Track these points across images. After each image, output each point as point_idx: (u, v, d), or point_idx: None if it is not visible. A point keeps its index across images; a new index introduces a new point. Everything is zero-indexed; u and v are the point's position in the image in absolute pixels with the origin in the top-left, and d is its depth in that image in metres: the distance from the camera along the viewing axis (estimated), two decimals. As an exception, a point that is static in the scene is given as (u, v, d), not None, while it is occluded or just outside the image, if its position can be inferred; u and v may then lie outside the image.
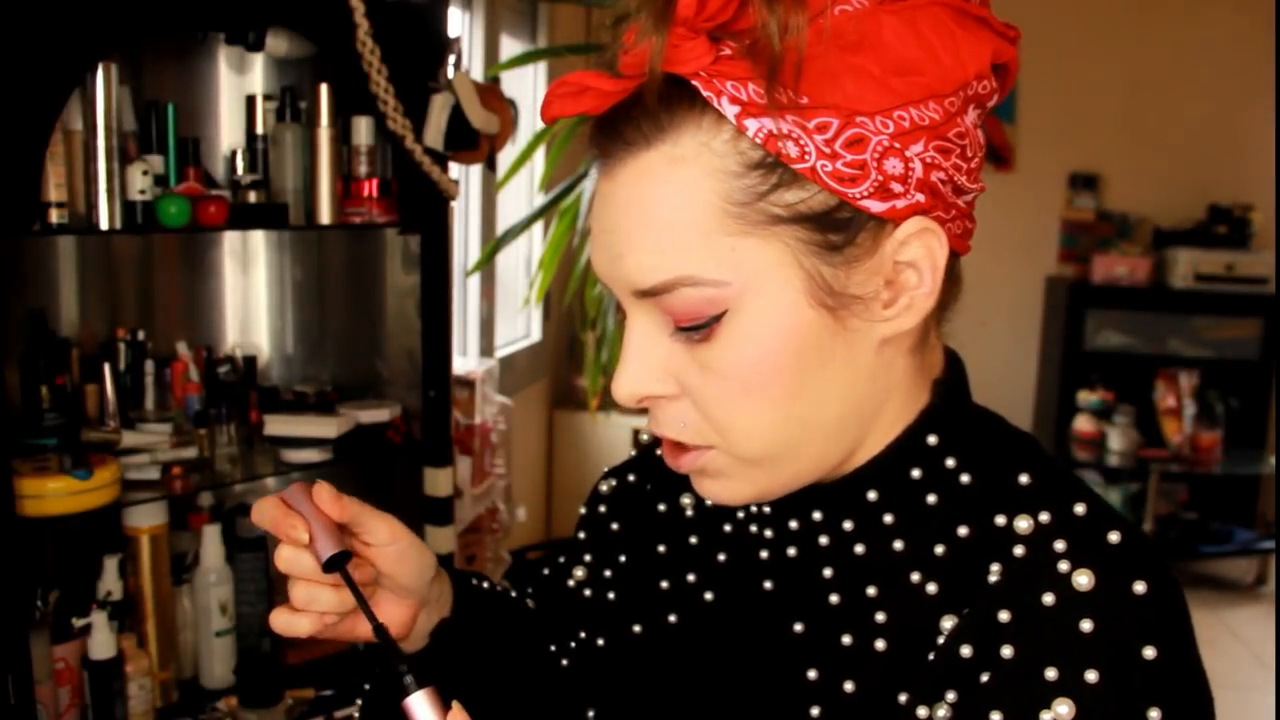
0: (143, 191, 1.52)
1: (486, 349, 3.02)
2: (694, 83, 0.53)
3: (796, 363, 0.56)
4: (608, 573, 0.77)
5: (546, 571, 0.82)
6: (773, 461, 0.59)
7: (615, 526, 0.78)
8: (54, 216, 1.43)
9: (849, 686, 0.61)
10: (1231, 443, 3.91)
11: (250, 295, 2.01)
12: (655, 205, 0.55)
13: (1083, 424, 3.98)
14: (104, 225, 1.49)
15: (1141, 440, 3.89)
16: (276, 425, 1.80)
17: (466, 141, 1.89)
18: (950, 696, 0.56)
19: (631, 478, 0.79)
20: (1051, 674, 0.52)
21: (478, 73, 2.80)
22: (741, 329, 0.56)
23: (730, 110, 0.53)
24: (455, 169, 2.05)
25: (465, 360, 2.80)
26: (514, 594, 0.81)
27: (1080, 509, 0.58)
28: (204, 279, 1.94)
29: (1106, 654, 0.52)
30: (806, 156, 0.53)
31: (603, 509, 0.79)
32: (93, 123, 1.46)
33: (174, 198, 1.55)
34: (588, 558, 0.79)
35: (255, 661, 1.81)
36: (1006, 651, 0.54)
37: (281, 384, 2.01)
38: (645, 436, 0.80)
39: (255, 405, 1.85)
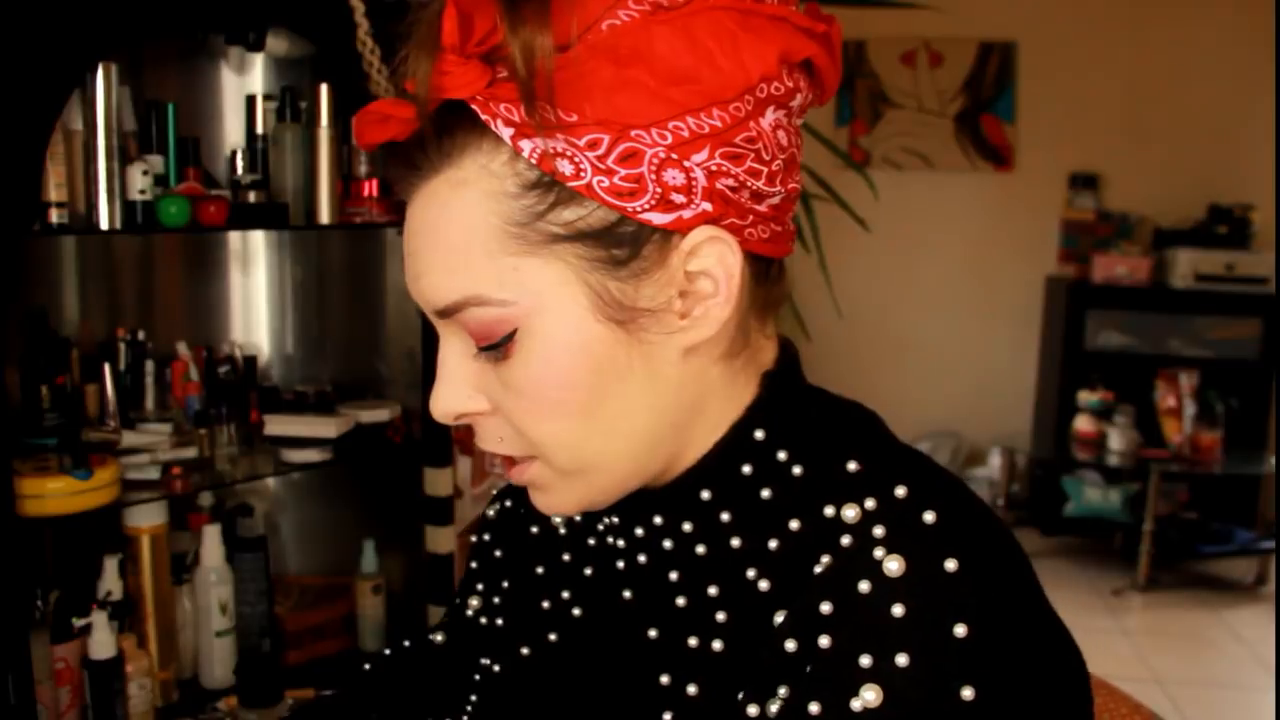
0: (143, 191, 1.52)
1: (486, 349, 3.02)
2: (472, 106, 0.54)
3: (592, 378, 0.57)
4: (496, 599, 0.78)
5: (455, 603, 0.84)
6: (588, 472, 0.60)
7: (498, 553, 0.80)
8: (54, 216, 1.43)
9: (692, 689, 0.61)
10: (1232, 443, 3.91)
11: (250, 295, 2.01)
12: (442, 228, 0.56)
13: (1083, 424, 3.98)
14: (104, 225, 1.49)
15: (1142, 440, 3.89)
16: (276, 425, 1.80)
17: (466, 141, 1.88)
18: (782, 691, 0.55)
19: (508, 503, 0.81)
20: (865, 660, 0.52)
21: (478, 73, 2.80)
22: (533, 347, 0.57)
23: (505, 132, 0.54)
24: (455, 169, 2.05)
25: (465, 360, 2.79)
26: (406, 644, 0.83)
27: (901, 491, 0.56)
28: (204, 279, 1.94)
29: (916, 636, 0.51)
30: (582, 174, 0.54)
31: (487, 536, 0.81)
32: (93, 123, 1.46)
33: (174, 198, 1.55)
34: (479, 586, 0.81)
35: (255, 661, 1.81)
36: (824, 641, 0.54)
37: (281, 384, 2.01)
38: None
39: (255, 405, 1.85)
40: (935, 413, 4.47)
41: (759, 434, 0.62)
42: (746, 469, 0.62)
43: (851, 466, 0.60)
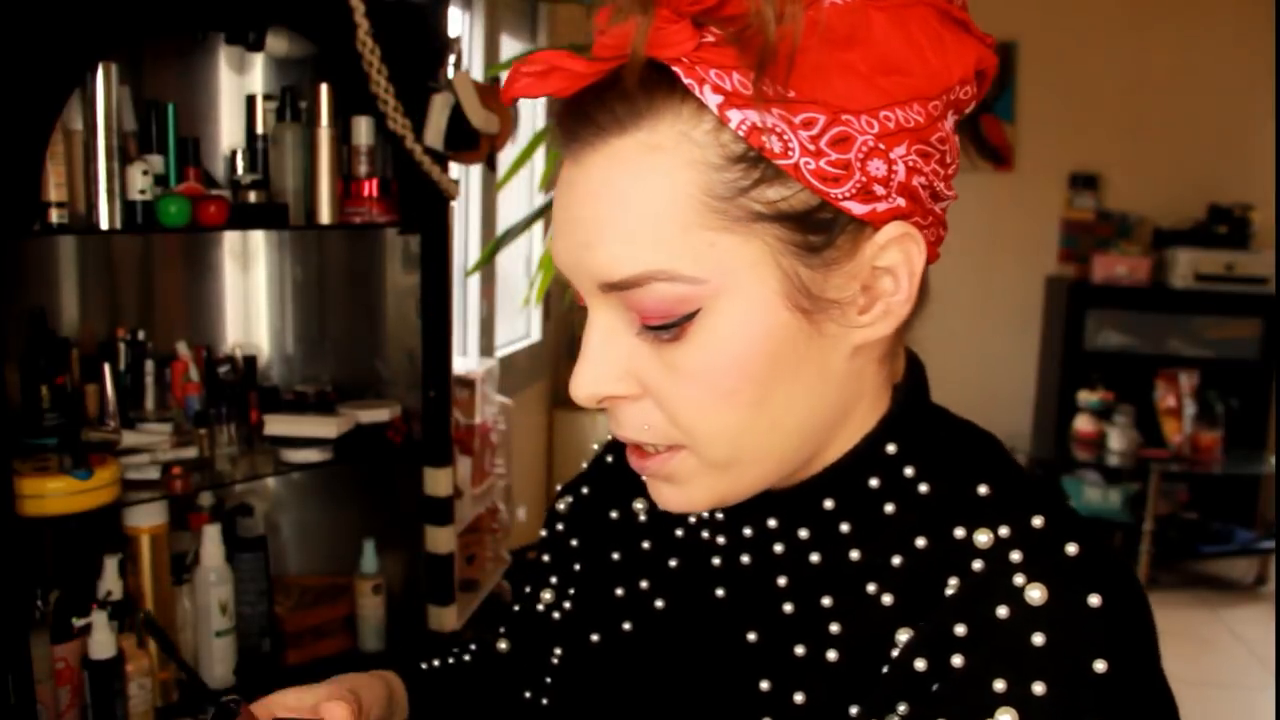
0: (143, 191, 1.52)
1: (486, 349, 3.02)
2: (675, 69, 0.51)
3: (769, 367, 0.54)
4: (572, 590, 0.75)
5: (517, 608, 0.81)
6: (739, 466, 0.57)
7: (574, 543, 0.76)
8: (54, 216, 1.43)
9: (799, 698, 0.59)
10: (1231, 443, 3.91)
11: (250, 295, 2.01)
12: (630, 194, 0.52)
13: (1083, 424, 3.98)
14: (104, 225, 1.49)
15: (1141, 440, 3.89)
16: (276, 425, 1.80)
17: (466, 141, 1.89)
18: (901, 708, 0.55)
19: (585, 490, 0.78)
20: (999, 685, 0.51)
21: (478, 73, 2.80)
22: (715, 330, 0.53)
23: (713, 100, 0.51)
24: (455, 169, 2.05)
25: (465, 360, 2.80)
26: (473, 647, 0.80)
27: (1038, 521, 0.56)
28: (204, 279, 1.94)
29: (1055, 667, 0.51)
30: (790, 153, 0.51)
31: (560, 527, 0.78)
32: (93, 123, 1.46)
33: (174, 198, 1.55)
34: (553, 579, 0.77)
35: (255, 661, 1.81)
36: (957, 661, 0.53)
37: (281, 384, 2.01)
38: (596, 446, 0.79)
39: (255, 405, 1.85)
40: (935, 413, 4.46)
41: (891, 448, 0.61)
42: (874, 482, 0.60)
43: (982, 490, 0.59)
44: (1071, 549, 0.54)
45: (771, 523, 0.62)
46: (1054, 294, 4.36)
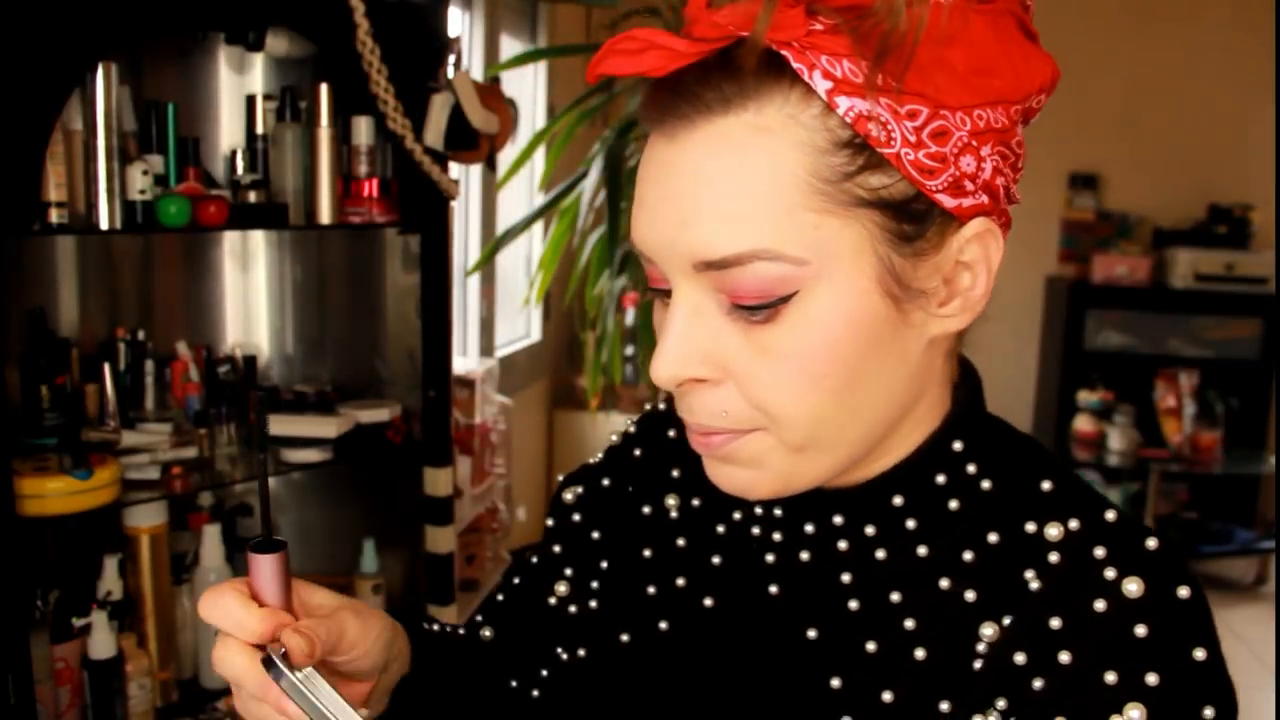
0: (143, 191, 1.52)
1: (486, 349, 3.02)
2: (784, 53, 0.52)
3: (859, 352, 0.55)
4: (594, 584, 0.74)
5: (501, 597, 0.79)
6: (813, 451, 0.57)
7: (596, 535, 0.75)
8: (54, 216, 1.43)
9: (887, 696, 0.59)
10: (1231, 443, 3.91)
11: (250, 295, 2.01)
12: (736, 172, 0.53)
13: (1083, 424, 3.98)
14: (104, 225, 1.49)
15: (1141, 440, 3.89)
16: (277, 425, 1.80)
17: (466, 141, 1.89)
18: (1000, 704, 0.56)
19: (606, 481, 0.76)
20: (1111, 678, 0.53)
21: (478, 73, 2.80)
22: (809, 313, 0.54)
23: (822, 85, 0.51)
24: (455, 169, 2.05)
25: (465, 360, 2.80)
26: (461, 631, 0.78)
27: (1110, 515, 0.58)
28: (204, 279, 1.94)
29: (1163, 657, 0.53)
30: (892, 142, 0.52)
31: (576, 517, 0.76)
32: (93, 123, 1.46)
33: (174, 197, 1.55)
34: (569, 572, 0.75)
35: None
36: (1064, 658, 0.55)
37: (281, 384, 2.01)
38: (615, 438, 0.78)
39: (255, 405, 1.85)
40: (935, 413, 4.46)
41: (957, 445, 0.62)
42: (940, 479, 0.61)
43: (1045, 485, 0.61)
44: (1152, 544, 0.57)
45: (838, 519, 0.63)
46: (1054, 294, 4.36)
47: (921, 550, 0.61)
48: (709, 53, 0.52)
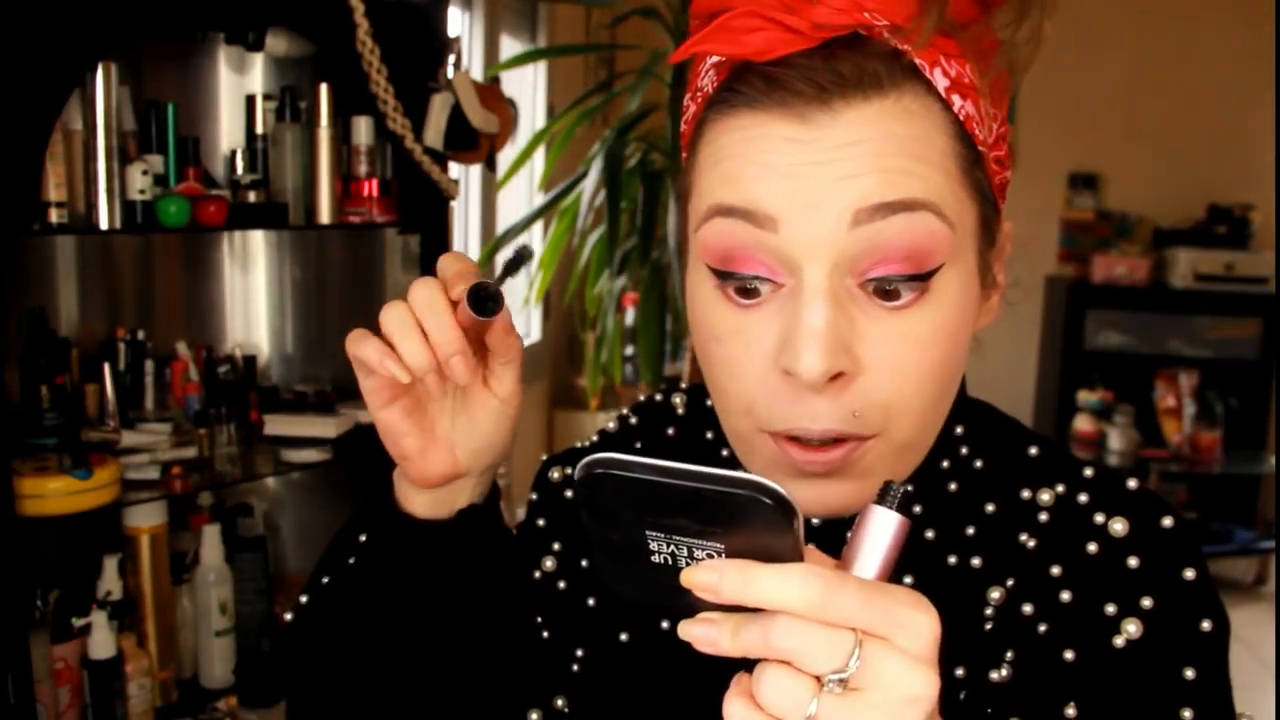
0: (143, 191, 1.52)
1: (486, 349, 3.01)
2: (904, 47, 0.53)
3: (965, 341, 0.57)
4: (584, 563, 0.72)
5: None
6: (911, 451, 0.57)
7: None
8: (54, 216, 1.43)
9: None
10: (1231, 443, 3.91)
11: (250, 295, 2.01)
12: (904, 132, 0.52)
13: (1083, 424, 3.98)
14: (104, 225, 1.49)
15: (1141, 440, 3.89)
16: (276, 425, 1.80)
17: (466, 141, 1.89)
18: (1009, 655, 0.58)
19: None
20: (1111, 609, 0.57)
21: (478, 73, 2.80)
22: (942, 297, 0.53)
23: (941, 83, 0.54)
24: (455, 169, 2.05)
25: (465, 360, 2.79)
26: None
27: (1089, 471, 0.63)
28: (204, 279, 1.94)
29: (1155, 581, 0.57)
30: (984, 143, 0.56)
31: (569, 494, 0.74)
32: (93, 123, 1.46)
33: (174, 197, 1.55)
34: (556, 547, 0.73)
35: (255, 661, 1.81)
36: (1065, 596, 0.58)
37: (281, 384, 2.01)
38: (612, 425, 0.76)
39: (255, 405, 1.85)
40: (935, 413, 4.46)
41: (958, 429, 0.65)
42: (945, 464, 0.64)
43: (1033, 451, 0.65)
44: (1132, 484, 0.62)
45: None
46: (1054, 294, 4.36)
47: (928, 534, 0.63)
48: (824, 40, 0.52)
